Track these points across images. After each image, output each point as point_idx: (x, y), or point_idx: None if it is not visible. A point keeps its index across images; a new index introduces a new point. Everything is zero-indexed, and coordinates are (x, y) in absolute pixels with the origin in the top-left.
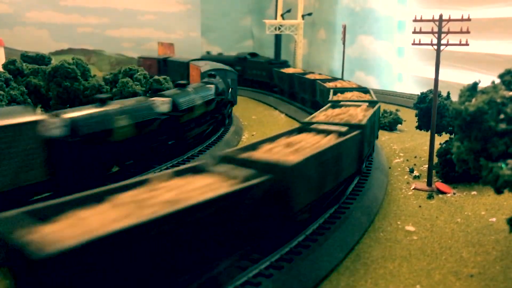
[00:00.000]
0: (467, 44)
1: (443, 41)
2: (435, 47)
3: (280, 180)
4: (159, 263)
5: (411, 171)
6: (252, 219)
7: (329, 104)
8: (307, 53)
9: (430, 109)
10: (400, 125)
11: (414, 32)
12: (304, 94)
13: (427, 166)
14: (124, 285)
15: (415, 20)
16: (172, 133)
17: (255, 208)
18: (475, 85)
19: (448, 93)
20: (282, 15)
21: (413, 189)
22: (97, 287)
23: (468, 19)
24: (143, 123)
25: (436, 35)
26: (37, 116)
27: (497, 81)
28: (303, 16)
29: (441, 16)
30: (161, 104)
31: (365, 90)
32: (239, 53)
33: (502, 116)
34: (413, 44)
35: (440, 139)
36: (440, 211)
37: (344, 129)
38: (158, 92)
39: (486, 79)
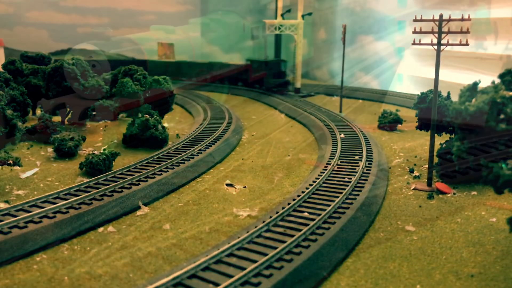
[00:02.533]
0: (467, 44)
1: (443, 41)
2: (435, 47)
3: None
4: None
5: (411, 171)
6: None
7: None
8: (307, 53)
9: (430, 109)
10: (400, 125)
11: (414, 32)
12: None
13: (427, 166)
14: None
15: (415, 20)
16: None
17: None
18: (475, 85)
19: (448, 93)
20: (282, 15)
21: (413, 189)
22: None
23: (468, 19)
24: None
25: (436, 35)
26: None
27: (497, 81)
28: (303, 16)
29: (441, 16)
30: None
31: None
32: None
33: (502, 116)
34: (413, 44)
35: (440, 139)
36: (440, 211)
37: None
38: None
39: (486, 79)
